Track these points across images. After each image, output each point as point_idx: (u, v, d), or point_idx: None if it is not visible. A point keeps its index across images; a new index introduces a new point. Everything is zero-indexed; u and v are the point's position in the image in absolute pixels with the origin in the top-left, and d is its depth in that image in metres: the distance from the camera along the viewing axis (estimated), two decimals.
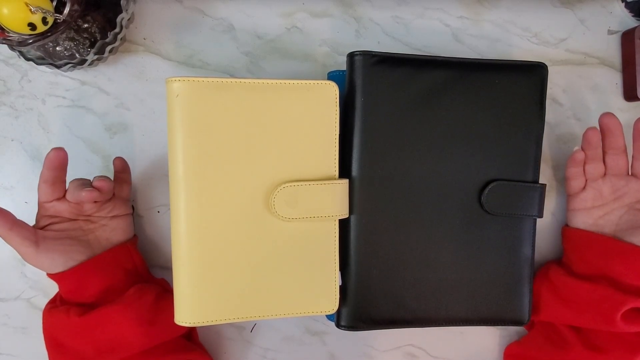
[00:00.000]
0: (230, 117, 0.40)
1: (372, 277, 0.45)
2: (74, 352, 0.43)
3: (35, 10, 0.39)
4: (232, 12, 0.52)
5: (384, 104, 0.45)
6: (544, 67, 0.48)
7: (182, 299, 0.41)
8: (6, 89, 0.51)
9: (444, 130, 0.46)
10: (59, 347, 0.44)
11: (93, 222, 0.46)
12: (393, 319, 0.46)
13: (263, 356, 0.54)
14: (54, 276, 0.44)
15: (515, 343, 0.54)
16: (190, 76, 0.40)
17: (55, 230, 0.44)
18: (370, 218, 0.45)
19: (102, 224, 0.46)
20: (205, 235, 0.41)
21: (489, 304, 0.47)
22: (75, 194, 0.42)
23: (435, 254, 0.46)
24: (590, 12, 0.55)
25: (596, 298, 0.46)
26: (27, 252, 0.42)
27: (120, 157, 0.48)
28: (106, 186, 0.43)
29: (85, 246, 0.45)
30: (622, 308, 0.44)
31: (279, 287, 0.43)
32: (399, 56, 0.45)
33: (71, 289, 0.44)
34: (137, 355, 0.44)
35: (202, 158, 0.40)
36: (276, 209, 0.41)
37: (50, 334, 0.44)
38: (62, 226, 0.44)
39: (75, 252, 0.44)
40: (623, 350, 0.45)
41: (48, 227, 0.44)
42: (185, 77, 0.39)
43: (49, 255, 0.42)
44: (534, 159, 0.48)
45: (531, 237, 0.48)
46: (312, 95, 0.42)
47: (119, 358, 0.43)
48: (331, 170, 0.43)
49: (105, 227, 0.46)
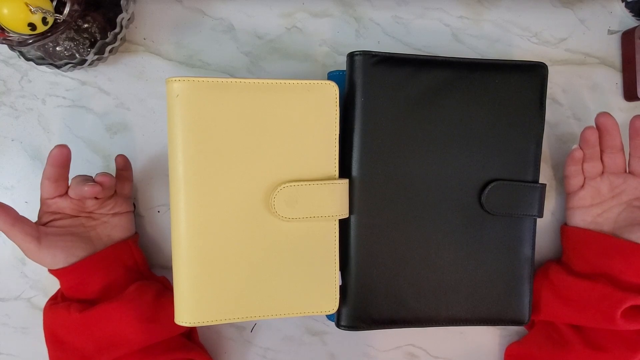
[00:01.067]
0: (230, 117, 0.40)
1: (372, 276, 0.45)
2: (74, 348, 0.43)
3: (35, 11, 0.39)
4: (232, 12, 0.52)
5: (384, 104, 0.45)
6: (544, 67, 0.47)
7: (182, 299, 0.41)
8: (6, 89, 0.51)
9: (444, 130, 0.46)
10: (59, 343, 0.44)
11: (94, 219, 0.46)
12: (393, 318, 0.46)
13: (263, 356, 0.54)
14: (55, 272, 0.44)
15: (516, 343, 0.54)
16: (190, 76, 0.40)
17: (57, 226, 0.44)
18: (370, 218, 0.45)
19: (103, 221, 0.47)
20: (206, 235, 0.41)
21: (489, 304, 0.47)
22: (77, 189, 0.43)
23: (436, 253, 0.46)
24: (590, 12, 0.55)
25: (596, 296, 0.46)
26: (29, 247, 0.42)
27: (122, 154, 0.48)
28: (108, 182, 0.44)
29: (87, 242, 0.45)
30: (621, 306, 0.44)
31: (279, 287, 0.43)
32: (399, 56, 0.45)
33: (72, 285, 0.44)
34: (136, 353, 0.44)
35: (202, 158, 0.40)
36: (276, 209, 0.41)
37: (50, 331, 0.45)
38: (64, 222, 0.45)
39: (77, 248, 0.44)
40: (624, 348, 0.45)
41: (50, 223, 0.44)
42: (185, 77, 0.39)
43: (50, 251, 0.42)
44: (534, 159, 0.48)
45: (531, 237, 0.48)
46: (312, 95, 0.42)
47: (118, 355, 0.43)
48: (331, 170, 0.43)
49: (106, 224, 0.47)
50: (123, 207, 0.48)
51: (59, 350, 0.44)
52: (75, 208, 0.45)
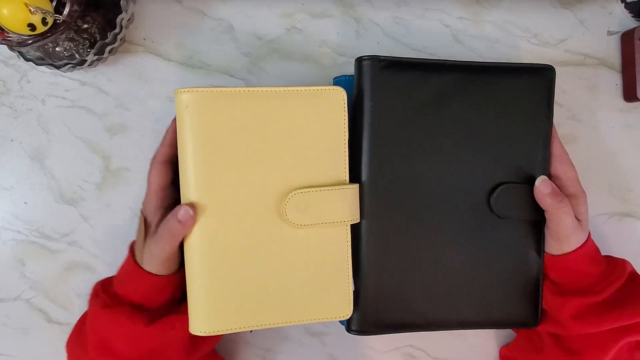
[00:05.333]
0: (239, 126, 0.40)
1: (382, 281, 0.45)
2: (121, 357, 0.42)
3: (35, 11, 0.39)
4: (232, 13, 0.52)
5: (392, 109, 0.45)
6: (552, 70, 0.47)
7: (197, 308, 0.41)
8: (6, 90, 0.51)
9: (453, 134, 0.46)
10: (106, 350, 0.42)
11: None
12: (404, 323, 0.46)
13: (262, 357, 0.54)
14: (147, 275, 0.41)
15: (505, 346, 0.54)
16: (198, 87, 0.40)
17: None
18: (380, 222, 0.45)
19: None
20: (218, 244, 0.41)
21: (500, 307, 0.47)
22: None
23: (446, 257, 0.46)
24: (589, 12, 0.55)
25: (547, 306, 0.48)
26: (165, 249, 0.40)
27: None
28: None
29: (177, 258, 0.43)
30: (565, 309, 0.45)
31: (293, 294, 0.42)
32: (407, 60, 0.45)
33: (148, 292, 0.42)
34: None
35: (213, 167, 0.40)
36: (288, 216, 0.41)
37: (99, 334, 0.42)
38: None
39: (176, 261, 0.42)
40: (595, 349, 0.45)
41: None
42: (194, 88, 0.39)
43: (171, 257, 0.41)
44: (542, 161, 0.47)
45: (540, 240, 0.48)
46: (320, 101, 0.42)
47: None
48: (341, 176, 0.43)
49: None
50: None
51: (102, 356, 0.42)
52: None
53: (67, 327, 0.52)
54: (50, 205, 0.51)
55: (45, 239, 0.52)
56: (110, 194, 0.52)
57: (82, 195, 0.52)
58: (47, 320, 0.52)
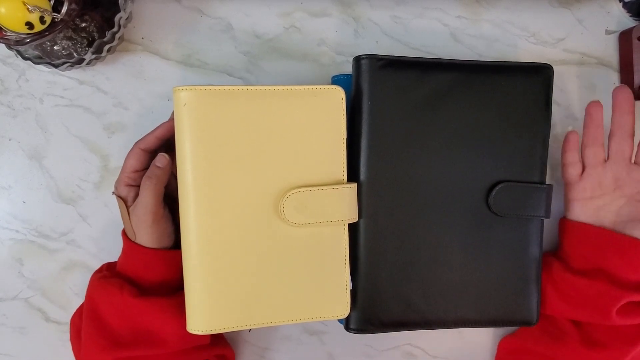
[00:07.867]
0: (238, 125, 0.40)
1: (381, 279, 0.45)
2: (111, 330, 0.43)
3: (33, 9, 0.39)
4: (230, 12, 0.52)
5: (390, 108, 0.45)
6: (550, 68, 0.48)
7: (194, 307, 0.41)
8: (4, 88, 0.51)
9: (451, 133, 0.46)
10: (97, 320, 0.43)
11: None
12: (402, 321, 0.46)
13: (261, 356, 0.54)
14: (136, 246, 0.43)
15: (510, 336, 0.53)
16: (196, 84, 0.40)
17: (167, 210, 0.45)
18: (378, 221, 0.45)
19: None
20: (216, 243, 0.41)
21: (498, 305, 0.48)
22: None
23: (444, 255, 0.46)
24: (588, 12, 0.55)
25: (593, 293, 0.45)
26: (152, 213, 0.42)
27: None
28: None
29: (172, 235, 0.45)
30: (617, 303, 0.44)
31: (291, 293, 0.43)
32: (405, 59, 0.45)
33: (140, 266, 0.44)
34: (169, 355, 0.43)
35: (211, 166, 0.40)
36: (285, 215, 0.41)
37: (93, 304, 0.44)
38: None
39: (170, 237, 0.45)
40: (621, 343, 0.45)
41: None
42: (192, 86, 0.39)
43: (159, 228, 0.43)
44: (541, 160, 0.47)
45: (538, 238, 0.48)
46: (318, 100, 0.42)
47: (151, 354, 0.43)
48: (339, 175, 0.43)
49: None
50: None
51: (92, 327, 0.43)
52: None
53: (65, 327, 0.51)
54: (49, 205, 0.51)
55: (43, 238, 0.52)
56: (108, 193, 0.52)
57: (81, 194, 0.52)
58: (45, 320, 0.52)
